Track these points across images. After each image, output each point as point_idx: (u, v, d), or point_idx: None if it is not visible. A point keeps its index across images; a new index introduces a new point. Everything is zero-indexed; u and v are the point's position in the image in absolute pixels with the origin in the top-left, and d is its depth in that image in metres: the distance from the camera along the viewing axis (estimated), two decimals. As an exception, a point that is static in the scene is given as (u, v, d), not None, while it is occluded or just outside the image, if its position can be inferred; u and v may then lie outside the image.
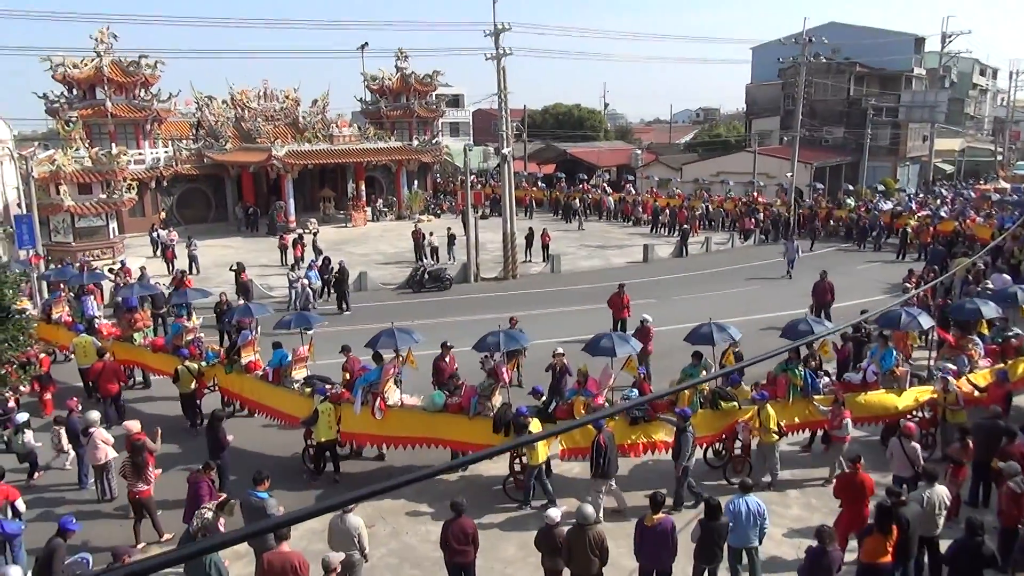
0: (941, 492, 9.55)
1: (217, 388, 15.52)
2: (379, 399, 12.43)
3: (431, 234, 31.68)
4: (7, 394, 13.87)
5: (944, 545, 9.32)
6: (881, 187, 48.11)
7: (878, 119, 52.81)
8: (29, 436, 12.88)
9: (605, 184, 51.19)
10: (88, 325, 17.88)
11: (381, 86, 47.33)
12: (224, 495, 9.78)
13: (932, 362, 14.62)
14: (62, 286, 20.80)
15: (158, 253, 31.51)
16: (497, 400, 12.50)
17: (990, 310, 14.94)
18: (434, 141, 46.88)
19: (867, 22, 72.66)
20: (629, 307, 20.10)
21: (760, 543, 9.48)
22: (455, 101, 68.26)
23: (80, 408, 13.41)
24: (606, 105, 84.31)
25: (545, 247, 32.09)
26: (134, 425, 11.80)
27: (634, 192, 46.58)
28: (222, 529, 8.90)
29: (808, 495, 12.09)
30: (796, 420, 12.89)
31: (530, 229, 33.37)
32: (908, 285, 21.46)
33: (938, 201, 40.43)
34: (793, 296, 24.43)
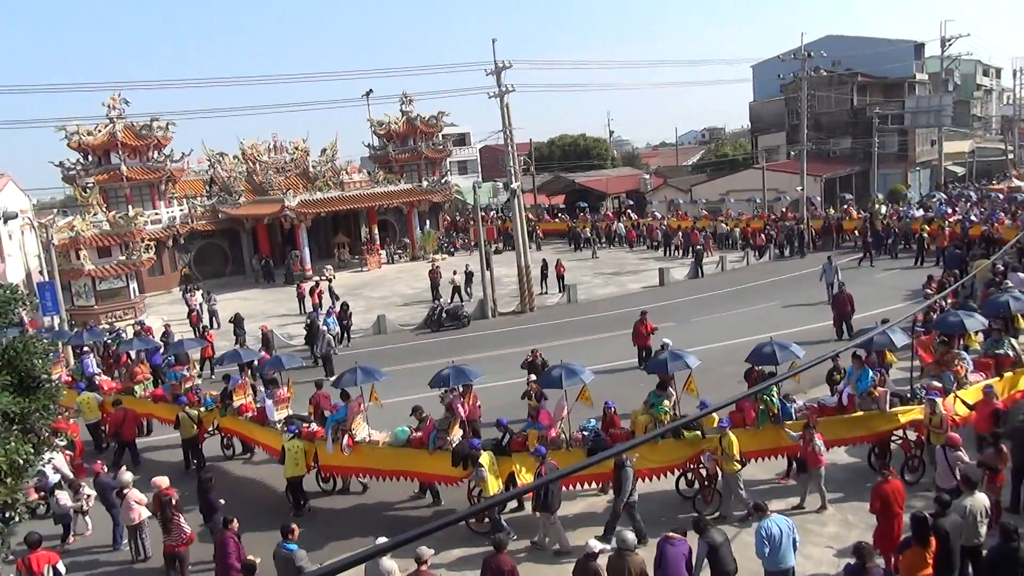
0: (981, 500, 9.36)
1: (218, 431, 16.33)
2: (347, 436, 13.09)
3: (455, 273, 31.77)
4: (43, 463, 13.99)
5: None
6: (912, 195, 47.90)
7: (884, 127, 52.76)
8: (64, 498, 12.94)
9: (629, 210, 51.25)
10: (89, 382, 18.45)
11: (388, 130, 48.06)
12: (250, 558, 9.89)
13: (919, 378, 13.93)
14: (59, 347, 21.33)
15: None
16: (456, 434, 12.78)
17: (975, 323, 14.24)
18: (443, 181, 47.34)
19: (865, 32, 72.94)
20: (652, 334, 19.78)
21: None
22: (462, 139, 69.03)
23: (106, 469, 13.53)
24: (611, 132, 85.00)
25: (560, 278, 32.15)
26: (162, 481, 11.77)
27: (660, 217, 46.45)
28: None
29: (844, 512, 11.89)
30: (765, 446, 12.48)
31: (544, 261, 33.48)
32: (928, 291, 21.27)
33: (968, 205, 40.16)
34: (813, 311, 24.30)
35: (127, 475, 12.56)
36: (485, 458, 11.72)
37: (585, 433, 12.47)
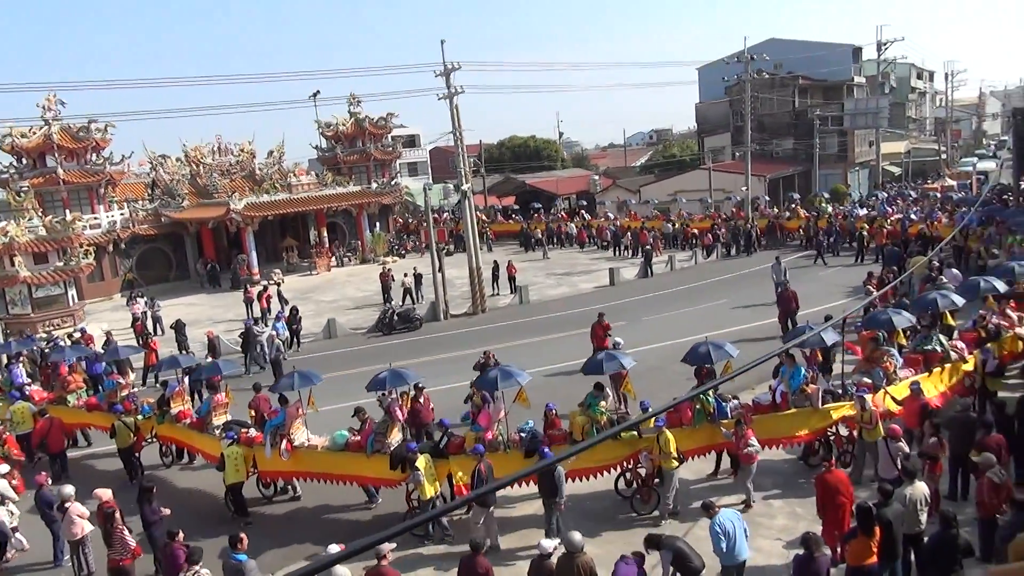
0: (921, 489, 9.66)
1: (156, 439, 15.97)
2: (285, 441, 13.07)
3: (405, 275, 31.57)
4: None
5: (928, 542, 9.43)
6: (857, 195, 49.29)
7: (824, 128, 54.24)
8: (0, 514, 12.43)
9: (582, 211, 51.52)
10: (19, 392, 17.84)
11: (336, 132, 47.45)
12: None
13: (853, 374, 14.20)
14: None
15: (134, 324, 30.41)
16: (395, 437, 12.78)
17: (902, 320, 14.60)
18: (393, 183, 46.96)
19: (806, 36, 74.95)
20: (608, 334, 19.33)
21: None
22: (411, 141, 68.63)
23: (49, 482, 13.05)
24: (561, 134, 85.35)
25: (512, 279, 32.18)
26: (104, 493, 11.42)
27: (612, 217, 46.81)
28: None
29: (793, 504, 12.16)
30: (702, 444, 12.67)
31: (495, 262, 33.48)
32: (870, 287, 21.89)
33: (907, 204, 41.50)
34: (760, 309, 24.79)
35: (69, 488, 12.10)
36: (421, 461, 11.78)
37: (523, 434, 12.51)
